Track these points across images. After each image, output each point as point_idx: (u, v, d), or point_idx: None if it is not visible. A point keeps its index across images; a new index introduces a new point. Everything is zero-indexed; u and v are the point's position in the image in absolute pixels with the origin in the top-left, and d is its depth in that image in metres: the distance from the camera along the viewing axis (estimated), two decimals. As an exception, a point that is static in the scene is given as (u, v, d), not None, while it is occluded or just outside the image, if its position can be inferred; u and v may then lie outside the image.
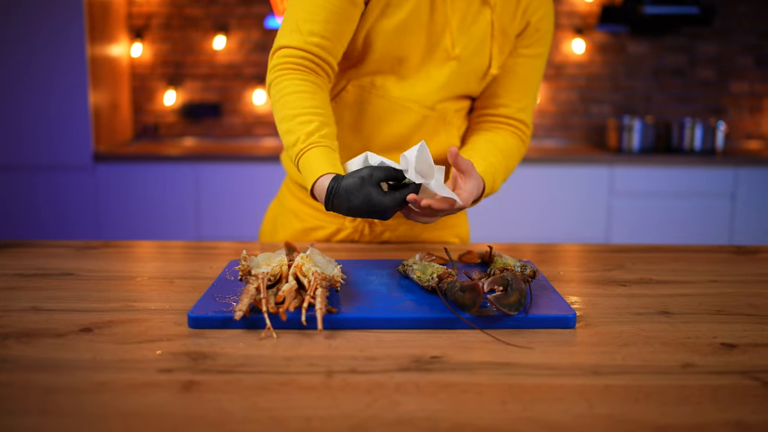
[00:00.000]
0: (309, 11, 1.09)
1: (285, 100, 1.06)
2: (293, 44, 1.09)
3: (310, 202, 1.33)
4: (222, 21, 3.87)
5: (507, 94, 1.24)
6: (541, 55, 1.24)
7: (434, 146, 1.23)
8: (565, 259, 1.22)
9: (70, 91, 3.35)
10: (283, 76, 1.09)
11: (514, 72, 1.23)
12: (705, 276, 1.10)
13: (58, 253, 1.22)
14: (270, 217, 1.44)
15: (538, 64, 1.24)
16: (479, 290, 0.80)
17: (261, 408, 0.60)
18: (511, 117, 1.25)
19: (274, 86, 1.10)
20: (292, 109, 1.05)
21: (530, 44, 1.22)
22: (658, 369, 0.70)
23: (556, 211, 3.43)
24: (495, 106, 1.25)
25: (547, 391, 0.64)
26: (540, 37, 1.22)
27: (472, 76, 1.20)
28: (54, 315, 0.86)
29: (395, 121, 1.20)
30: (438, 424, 0.58)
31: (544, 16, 1.21)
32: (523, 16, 1.20)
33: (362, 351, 0.74)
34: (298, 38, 1.09)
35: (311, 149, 1.01)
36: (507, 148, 1.22)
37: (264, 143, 3.92)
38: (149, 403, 0.61)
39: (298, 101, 1.05)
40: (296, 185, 1.35)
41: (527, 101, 1.26)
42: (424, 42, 1.16)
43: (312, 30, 1.08)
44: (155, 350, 0.74)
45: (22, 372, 0.68)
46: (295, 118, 1.04)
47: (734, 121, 3.91)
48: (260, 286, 0.81)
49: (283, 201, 1.40)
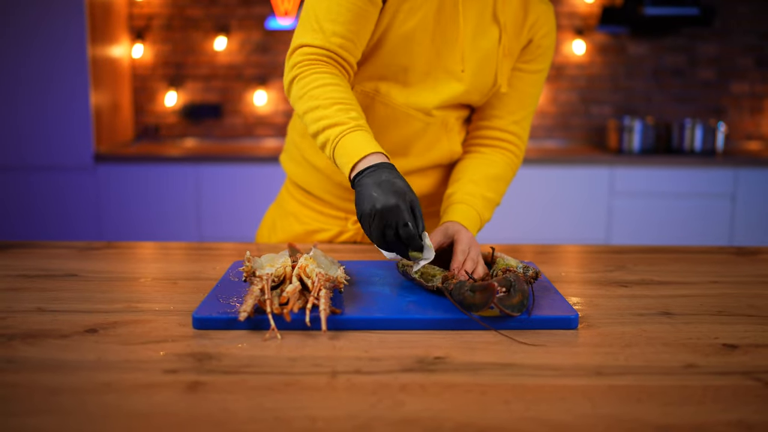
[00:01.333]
0: (331, 11, 1.08)
1: (316, 92, 1.04)
2: (316, 43, 1.08)
3: (311, 204, 1.33)
4: (223, 22, 3.87)
5: (504, 106, 1.24)
6: (542, 71, 1.25)
7: (436, 152, 1.24)
8: (565, 260, 1.23)
9: (71, 91, 3.35)
10: (309, 70, 1.07)
11: (512, 86, 1.23)
12: (706, 277, 1.10)
13: (61, 254, 1.23)
14: (268, 221, 1.43)
15: (537, 79, 1.24)
16: (493, 290, 0.80)
17: (266, 408, 0.61)
18: (505, 130, 1.25)
19: (299, 80, 1.07)
20: (326, 99, 1.03)
21: (531, 60, 1.23)
22: (660, 369, 0.71)
23: (557, 211, 3.43)
24: (490, 118, 1.26)
25: (551, 392, 0.65)
26: (541, 53, 1.23)
27: (475, 91, 1.20)
28: (58, 316, 0.86)
29: (398, 127, 1.20)
30: (442, 424, 0.58)
31: (548, 33, 1.22)
32: (528, 33, 1.20)
33: (366, 352, 0.74)
34: (321, 38, 1.08)
35: (358, 131, 0.99)
36: (496, 173, 1.22)
37: (265, 144, 3.93)
38: (154, 403, 0.61)
39: (332, 92, 1.04)
40: (297, 188, 1.35)
41: (523, 114, 1.26)
42: (432, 53, 1.15)
43: (335, 30, 1.07)
44: (160, 351, 0.74)
45: (27, 372, 0.68)
46: (332, 106, 1.02)
47: (734, 122, 3.91)
48: (264, 287, 0.82)
49: (283, 204, 1.40)
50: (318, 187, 1.30)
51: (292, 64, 1.09)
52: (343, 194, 1.28)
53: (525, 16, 1.19)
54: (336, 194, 1.29)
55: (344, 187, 1.27)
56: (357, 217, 0.95)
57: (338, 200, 1.29)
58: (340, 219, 1.31)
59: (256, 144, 3.93)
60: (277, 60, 3.90)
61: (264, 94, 3.91)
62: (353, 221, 1.31)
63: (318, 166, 1.28)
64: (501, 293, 0.82)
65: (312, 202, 1.33)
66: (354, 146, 0.97)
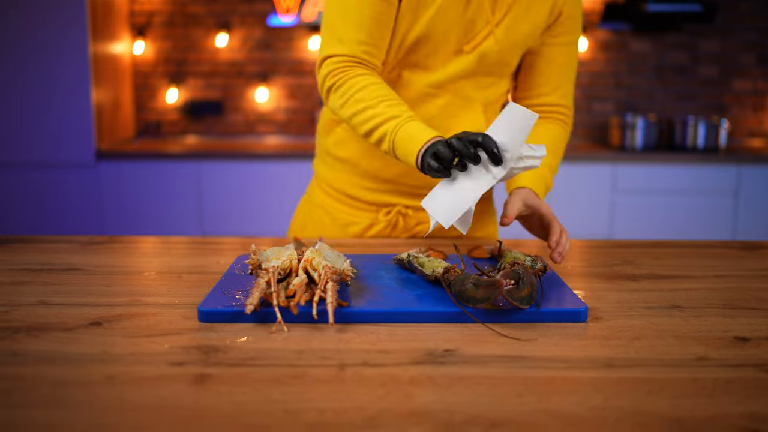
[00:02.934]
0: (349, 19, 1.11)
1: (359, 95, 1.09)
2: (340, 52, 1.12)
3: (341, 198, 1.34)
4: (224, 19, 3.87)
5: (547, 83, 1.27)
6: (574, 42, 1.27)
7: (459, 126, 1.25)
8: (572, 254, 1.22)
9: (73, 89, 3.35)
10: (344, 77, 1.11)
11: (550, 61, 1.26)
12: (712, 271, 1.09)
13: (63, 248, 1.22)
14: (300, 215, 1.44)
15: (572, 50, 1.27)
16: (500, 287, 0.79)
17: (274, 400, 0.60)
18: (554, 104, 1.28)
19: (337, 89, 1.12)
20: (372, 99, 1.07)
21: (564, 32, 1.24)
22: (670, 362, 0.70)
23: (559, 208, 3.40)
24: (537, 96, 1.29)
25: (562, 384, 0.64)
26: (571, 24, 1.25)
27: (501, 64, 1.23)
28: (62, 309, 0.86)
29: (419, 108, 1.22)
30: (453, 416, 0.57)
31: (575, 2, 1.24)
32: (555, 7, 1.21)
33: (374, 344, 0.74)
34: (344, 47, 1.12)
35: (413, 121, 1.04)
36: (552, 141, 1.26)
37: (266, 141, 3.92)
38: (162, 396, 0.61)
39: (374, 92, 1.08)
40: (327, 182, 1.36)
41: (567, 87, 1.29)
42: (455, 41, 1.17)
43: (357, 38, 1.11)
44: (165, 344, 0.74)
45: (32, 365, 0.68)
46: (379, 104, 1.07)
47: (737, 119, 3.91)
48: (271, 280, 0.81)
49: (313, 198, 1.40)
50: (347, 183, 1.31)
51: (324, 74, 1.14)
52: (370, 184, 1.29)
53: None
54: (363, 186, 1.30)
55: (370, 175, 1.28)
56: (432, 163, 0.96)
57: (367, 192, 1.30)
58: (371, 212, 1.32)
59: (258, 141, 3.92)
60: (279, 57, 3.89)
61: (265, 91, 3.90)
62: (384, 212, 1.31)
63: (343, 158, 1.29)
64: (510, 285, 0.81)
65: (342, 195, 1.34)
66: (416, 133, 1.02)
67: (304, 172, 3.24)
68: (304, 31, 3.86)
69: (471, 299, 0.80)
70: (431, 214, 0.96)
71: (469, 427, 0.56)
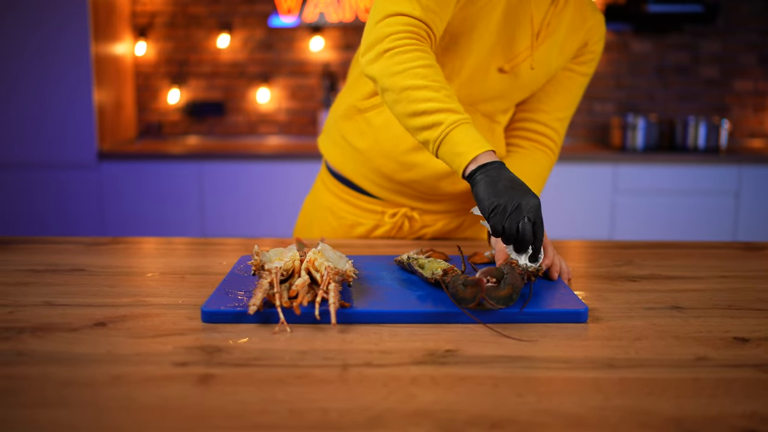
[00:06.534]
0: None
1: (423, 71, 1.01)
2: (415, 14, 1.04)
3: (347, 197, 1.33)
4: (226, 19, 3.87)
5: (551, 101, 1.28)
6: (588, 75, 1.29)
7: None
8: (572, 255, 1.22)
9: (75, 89, 3.35)
10: (411, 46, 1.03)
11: (561, 84, 1.27)
12: (713, 272, 1.10)
13: (67, 249, 1.23)
14: (305, 214, 1.43)
15: (583, 82, 1.29)
16: (482, 286, 0.79)
17: (278, 400, 0.61)
18: (548, 125, 1.29)
19: (398, 54, 1.03)
20: (434, 82, 1.01)
21: (583, 63, 1.27)
22: (671, 362, 0.70)
23: (560, 209, 3.43)
24: (536, 111, 1.29)
25: (563, 384, 0.65)
26: (592, 59, 1.27)
27: (526, 89, 1.24)
28: (67, 310, 0.86)
29: None
30: (455, 416, 0.58)
31: (600, 40, 1.27)
32: (586, 35, 1.24)
33: (376, 345, 0.74)
34: (418, 9, 1.04)
35: (469, 123, 1.00)
36: (541, 172, 1.28)
37: (267, 142, 3.93)
38: (167, 396, 0.61)
39: (437, 76, 1.02)
40: (333, 178, 1.34)
41: (567, 114, 1.30)
42: (488, 53, 1.17)
43: (430, 6, 1.05)
44: (169, 344, 0.74)
45: (37, 365, 0.68)
46: (441, 90, 1.01)
47: (738, 120, 3.91)
48: (273, 281, 0.82)
49: (318, 197, 1.39)
50: (356, 172, 1.29)
51: (386, 33, 1.04)
52: (380, 180, 1.27)
53: (582, 20, 1.24)
54: (372, 180, 1.28)
55: (381, 173, 1.26)
56: (486, 206, 0.93)
57: (374, 186, 1.28)
58: (377, 213, 1.31)
59: (259, 141, 3.93)
60: (280, 58, 3.90)
61: (267, 91, 3.91)
62: (390, 215, 1.31)
63: (359, 148, 1.27)
64: (491, 283, 0.81)
65: (348, 194, 1.32)
66: (475, 138, 0.98)
67: (306, 172, 3.25)
68: (305, 32, 3.87)
69: (462, 299, 0.80)
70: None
71: (470, 426, 0.56)
